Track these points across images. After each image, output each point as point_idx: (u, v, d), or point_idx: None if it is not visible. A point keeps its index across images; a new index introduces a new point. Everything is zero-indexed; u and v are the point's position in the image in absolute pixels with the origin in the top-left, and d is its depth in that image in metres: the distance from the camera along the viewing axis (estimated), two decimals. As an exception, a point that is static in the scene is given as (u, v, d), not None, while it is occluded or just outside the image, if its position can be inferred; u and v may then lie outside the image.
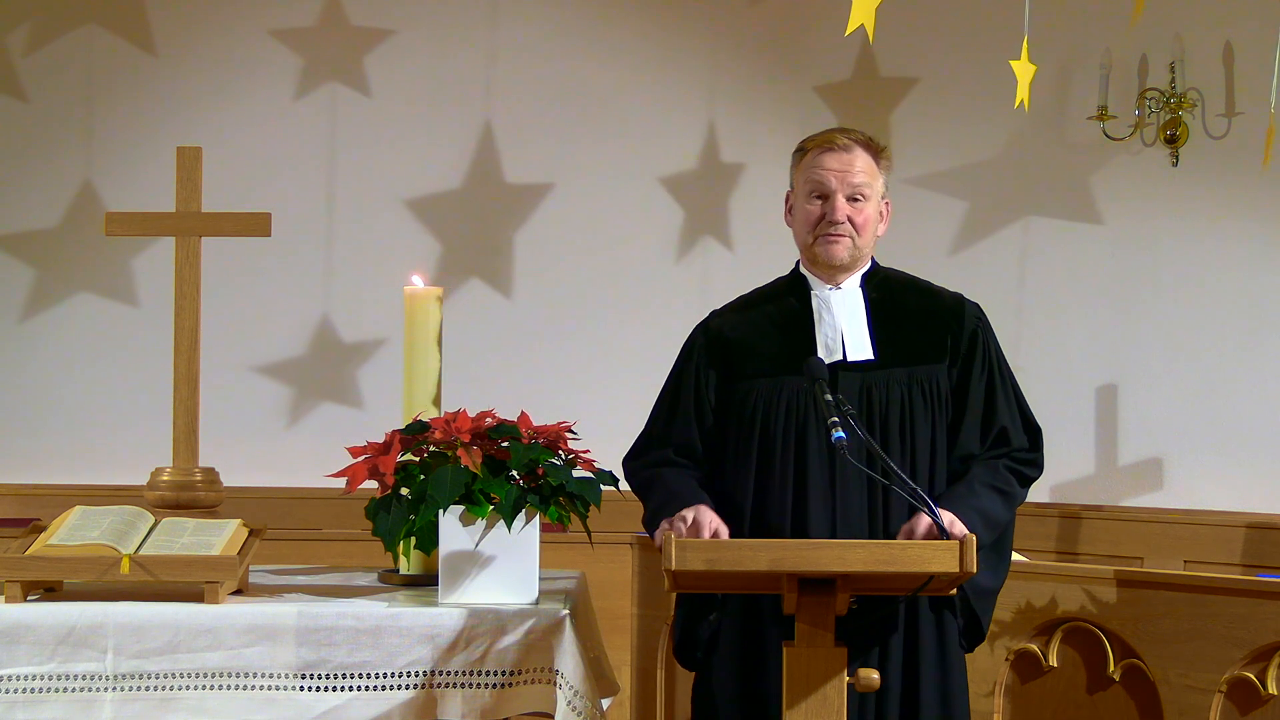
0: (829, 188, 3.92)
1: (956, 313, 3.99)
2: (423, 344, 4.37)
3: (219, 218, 4.64)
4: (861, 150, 3.94)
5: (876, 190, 3.96)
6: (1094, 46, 6.49)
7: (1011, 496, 3.92)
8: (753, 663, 3.88)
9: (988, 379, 3.96)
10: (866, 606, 3.77)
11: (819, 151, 3.95)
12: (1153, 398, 6.51)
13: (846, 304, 3.95)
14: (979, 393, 3.94)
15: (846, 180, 3.91)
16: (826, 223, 3.92)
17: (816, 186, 3.93)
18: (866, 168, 3.94)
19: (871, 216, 3.95)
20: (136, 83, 6.97)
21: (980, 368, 3.96)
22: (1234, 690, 4.38)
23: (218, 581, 3.88)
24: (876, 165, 3.96)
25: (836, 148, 3.93)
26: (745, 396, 3.94)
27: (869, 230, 3.95)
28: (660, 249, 7.07)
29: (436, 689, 3.81)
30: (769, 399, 3.92)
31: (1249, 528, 6.14)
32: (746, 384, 3.94)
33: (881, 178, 3.97)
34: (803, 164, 3.97)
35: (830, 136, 3.96)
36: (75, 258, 6.93)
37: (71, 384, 6.93)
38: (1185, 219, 6.47)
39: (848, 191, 3.91)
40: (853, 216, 3.92)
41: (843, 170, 3.91)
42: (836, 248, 3.93)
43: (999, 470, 3.92)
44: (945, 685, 3.90)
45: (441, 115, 7.01)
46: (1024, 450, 3.97)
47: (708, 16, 7.06)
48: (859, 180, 3.92)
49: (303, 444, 6.81)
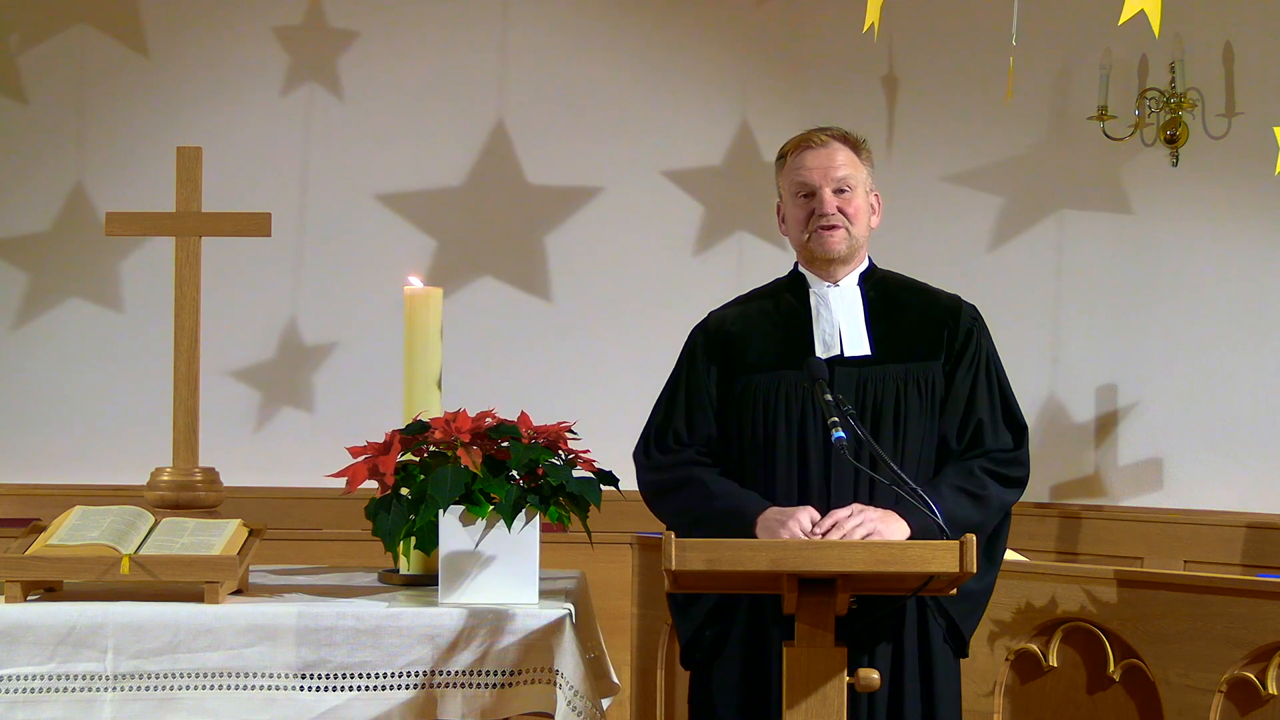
0: (814, 184, 3.94)
1: (953, 312, 4.01)
2: (423, 344, 4.37)
3: (219, 218, 4.64)
4: (840, 145, 3.97)
5: (862, 181, 3.97)
6: (1094, 46, 6.49)
7: (984, 499, 3.88)
8: (756, 667, 3.88)
9: (973, 375, 3.97)
10: (865, 607, 3.77)
11: (798, 152, 3.97)
12: (1153, 398, 6.50)
13: (844, 300, 3.97)
14: (964, 386, 3.96)
15: (830, 174, 3.93)
16: (818, 216, 3.94)
17: (802, 187, 3.96)
18: (848, 160, 3.96)
19: (861, 207, 3.97)
20: (129, 84, 6.96)
21: (969, 364, 3.97)
22: (1234, 690, 4.38)
23: (218, 581, 3.88)
24: (857, 157, 3.98)
25: (815, 145, 3.96)
26: (744, 391, 3.95)
27: (861, 220, 3.97)
28: (675, 248, 7.07)
29: (436, 689, 3.81)
30: (768, 394, 3.93)
31: (1249, 528, 6.14)
32: (745, 379, 3.96)
33: (865, 169, 3.99)
34: (785, 169, 4.00)
35: (807, 137, 3.99)
36: (75, 259, 6.92)
37: (72, 384, 6.93)
38: (1185, 219, 6.47)
39: (833, 185, 3.93)
40: (843, 207, 3.94)
41: (825, 166, 3.94)
42: (832, 239, 3.94)
43: (972, 472, 3.90)
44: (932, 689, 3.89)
45: (451, 114, 7.01)
46: (1004, 450, 3.95)
47: (725, 11, 7.06)
48: (842, 173, 3.94)
49: (303, 444, 6.81)
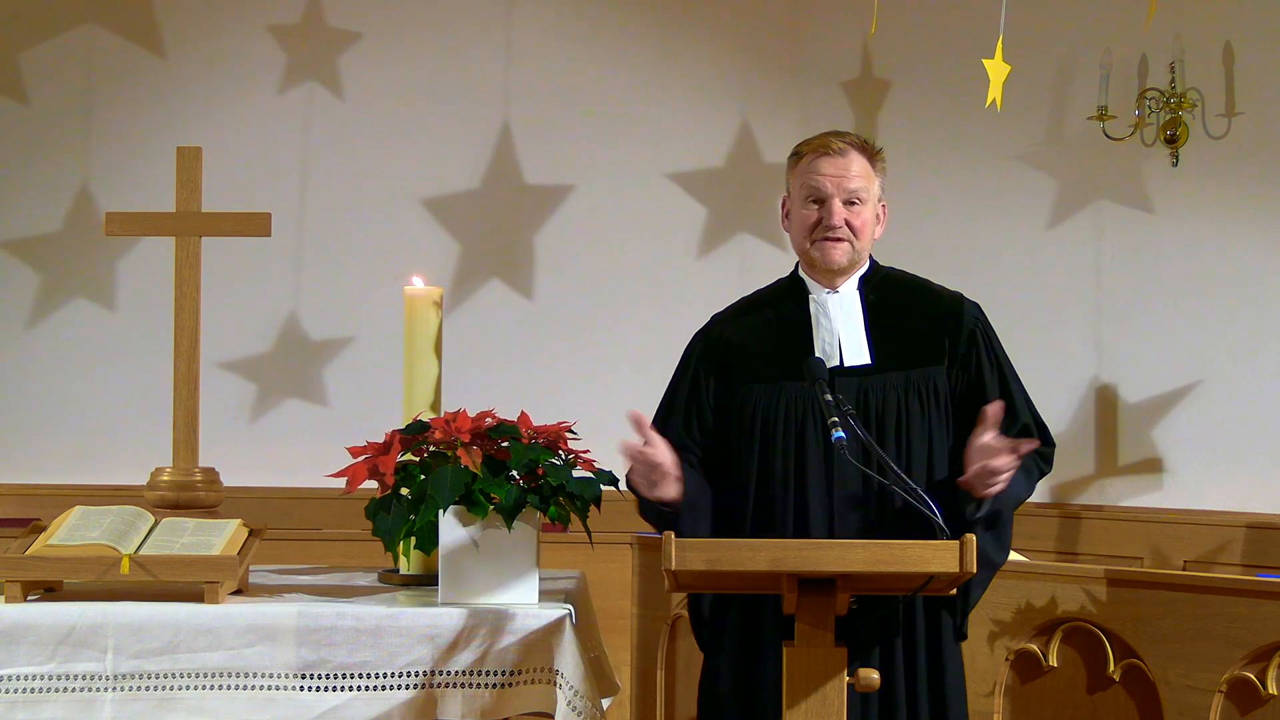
0: (825, 193, 3.92)
1: (955, 312, 3.99)
2: (423, 344, 4.37)
3: (219, 218, 4.64)
4: (857, 154, 3.95)
5: (873, 193, 3.96)
6: (1094, 46, 6.49)
7: (1031, 481, 3.92)
8: (751, 661, 3.89)
9: (1000, 380, 3.95)
10: (865, 607, 3.77)
11: (814, 156, 3.94)
12: (1153, 398, 6.50)
13: (844, 308, 3.96)
14: (995, 394, 3.91)
15: (842, 185, 3.91)
16: (824, 227, 3.92)
17: (813, 192, 3.93)
18: (862, 171, 3.94)
19: (869, 220, 3.96)
20: (136, 83, 6.96)
21: (991, 369, 3.95)
22: (1234, 690, 4.38)
23: (218, 581, 3.88)
24: (872, 168, 3.96)
25: (832, 152, 3.93)
26: (745, 401, 3.95)
27: (866, 233, 3.96)
28: (677, 250, 7.07)
29: (436, 689, 3.81)
30: (768, 403, 3.92)
31: (1249, 528, 6.14)
32: (745, 388, 3.95)
33: (878, 180, 3.98)
34: (798, 169, 3.97)
35: (825, 141, 3.95)
36: (75, 260, 6.93)
37: (72, 384, 6.93)
38: (1185, 219, 6.46)
39: (844, 196, 3.92)
40: (850, 220, 3.92)
41: (838, 175, 3.91)
42: (835, 251, 3.93)
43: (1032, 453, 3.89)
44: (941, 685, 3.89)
45: (455, 115, 7.01)
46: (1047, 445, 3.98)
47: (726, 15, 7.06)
48: (855, 185, 3.92)
49: (303, 444, 6.80)
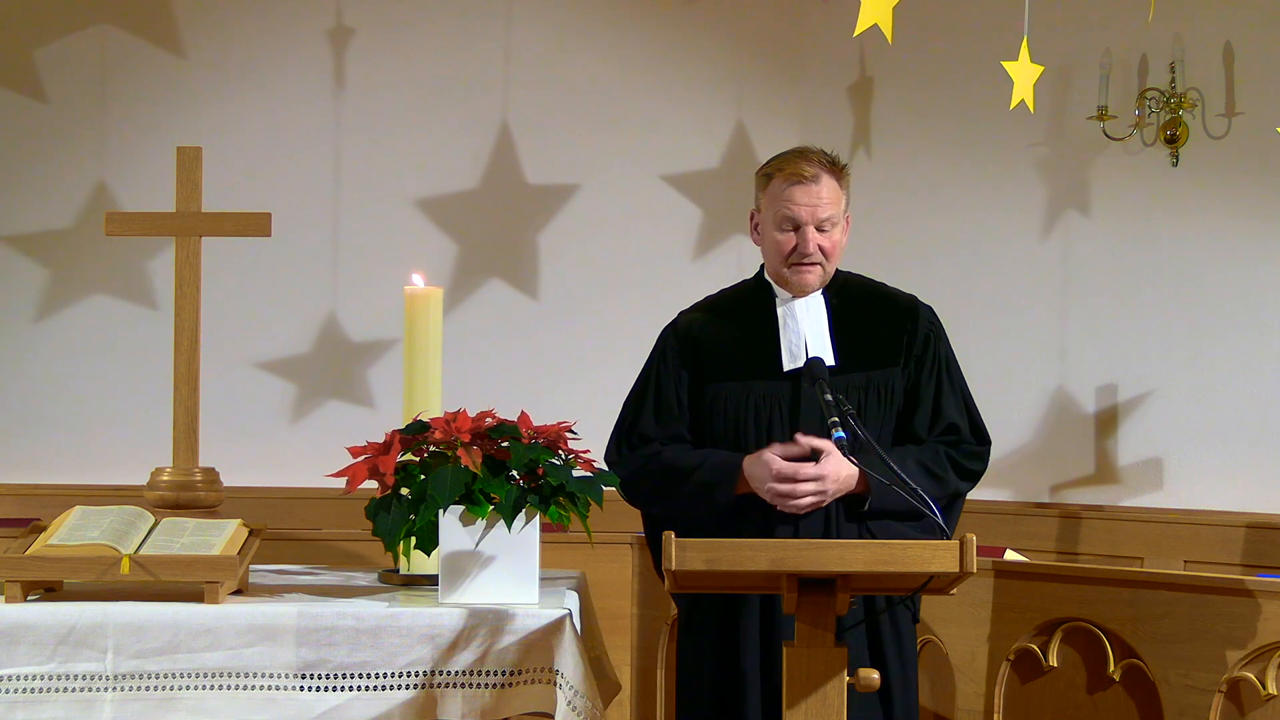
0: (800, 220, 4.05)
1: (911, 315, 4.14)
2: (423, 344, 4.37)
3: (219, 217, 4.64)
4: (827, 177, 4.08)
5: (841, 213, 4.11)
6: (1094, 46, 6.48)
7: (942, 481, 4.03)
8: (729, 642, 4.00)
9: (936, 379, 4.11)
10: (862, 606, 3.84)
11: (787, 183, 4.06)
12: (1153, 397, 6.49)
13: (810, 312, 4.10)
14: (929, 390, 4.10)
15: (816, 215, 4.05)
16: (799, 254, 4.06)
17: (786, 221, 4.06)
18: (832, 196, 4.07)
19: (839, 240, 4.11)
20: (150, 80, 6.95)
21: (930, 368, 4.11)
22: (1234, 690, 4.38)
23: (218, 581, 3.88)
24: (840, 186, 4.10)
25: (805, 180, 4.05)
26: (714, 401, 4.08)
27: (837, 253, 4.12)
28: (673, 251, 7.06)
29: (436, 689, 3.81)
30: (737, 404, 4.06)
31: (1249, 528, 6.13)
32: (715, 388, 4.09)
33: (844, 197, 4.12)
34: (770, 191, 4.10)
35: (798, 168, 4.06)
36: (78, 258, 6.92)
37: (72, 384, 6.91)
38: (1185, 219, 6.46)
39: (817, 224, 4.06)
40: (823, 244, 4.07)
41: (812, 205, 4.04)
42: (809, 276, 4.09)
43: (937, 454, 4.05)
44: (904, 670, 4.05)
45: (455, 113, 7.00)
46: (969, 444, 4.10)
47: (723, 14, 7.06)
48: (827, 213, 4.06)
49: (304, 444, 6.80)
